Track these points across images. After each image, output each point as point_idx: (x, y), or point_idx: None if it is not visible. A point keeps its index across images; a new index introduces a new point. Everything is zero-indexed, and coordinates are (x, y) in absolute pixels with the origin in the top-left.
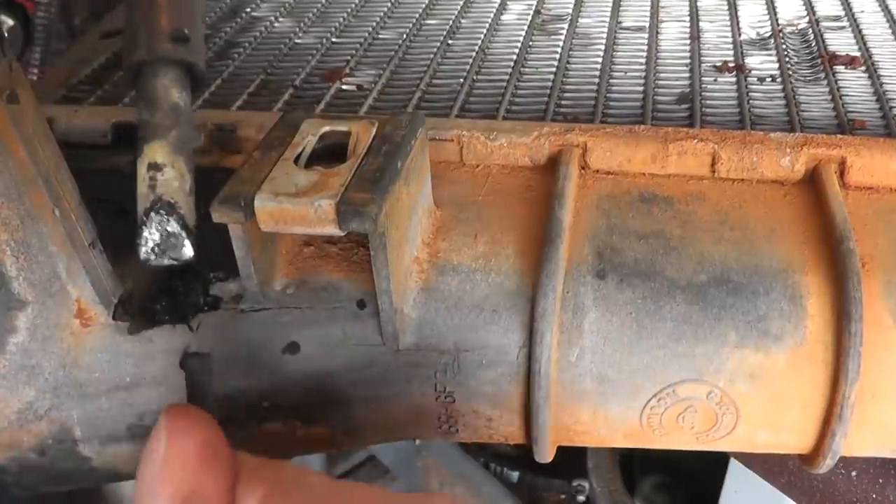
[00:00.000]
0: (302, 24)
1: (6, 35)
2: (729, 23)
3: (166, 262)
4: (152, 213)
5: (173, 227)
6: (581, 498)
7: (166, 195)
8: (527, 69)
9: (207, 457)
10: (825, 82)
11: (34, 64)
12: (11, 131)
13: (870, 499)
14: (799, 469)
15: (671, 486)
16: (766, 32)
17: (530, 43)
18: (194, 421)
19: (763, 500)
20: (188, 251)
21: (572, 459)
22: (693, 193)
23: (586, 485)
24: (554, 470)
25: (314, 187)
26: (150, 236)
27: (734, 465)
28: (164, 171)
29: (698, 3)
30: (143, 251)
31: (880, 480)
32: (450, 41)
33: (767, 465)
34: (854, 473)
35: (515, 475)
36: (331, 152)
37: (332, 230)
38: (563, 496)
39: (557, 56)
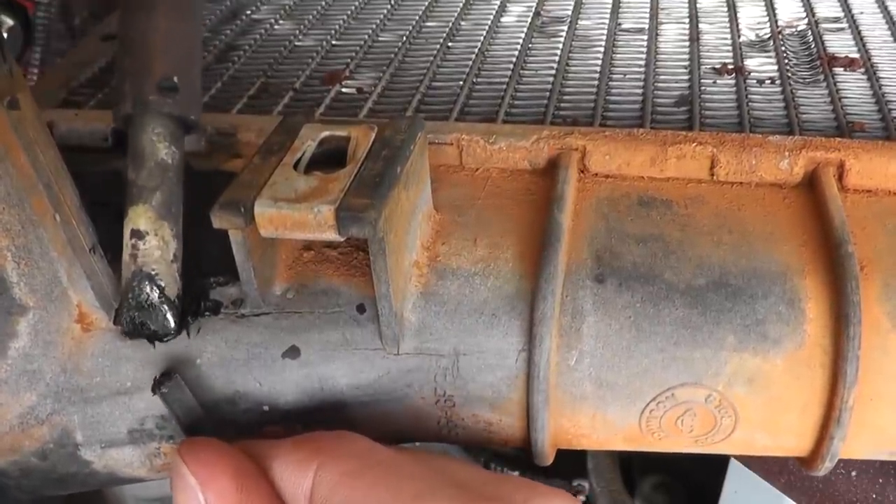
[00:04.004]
0: (302, 27)
1: (5, 38)
2: (728, 25)
3: (146, 333)
4: (133, 284)
5: (153, 299)
6: (581, 498)
7: (146, 266)
8: (526, 71)
9: (246, 485)
10: (824, 84)
11: (34, 64)
12: (12, 137)
13: (870, 499)
14: (799, 469)
15: (671, 486)
16: (766, 34)
17: (530, 45)
18: (217, 455)
19: (763, 500)
20: (169, 323)
21: (572, 459)
22: (692, 197)
23: (586, 485)
24: (554, 470)
25: (314, 193)
26: (129, 308)
27: (734, 465)
28: (145, 239)
29: (698, 5)
30: (124, 322)
31: (880, 480)
32: (449, 43)
33: (767, 466)
34: (854, 473)
35: (515, 475)
36: (330, 157)
37: (332, 236)
38: None
39: (557, 58)
